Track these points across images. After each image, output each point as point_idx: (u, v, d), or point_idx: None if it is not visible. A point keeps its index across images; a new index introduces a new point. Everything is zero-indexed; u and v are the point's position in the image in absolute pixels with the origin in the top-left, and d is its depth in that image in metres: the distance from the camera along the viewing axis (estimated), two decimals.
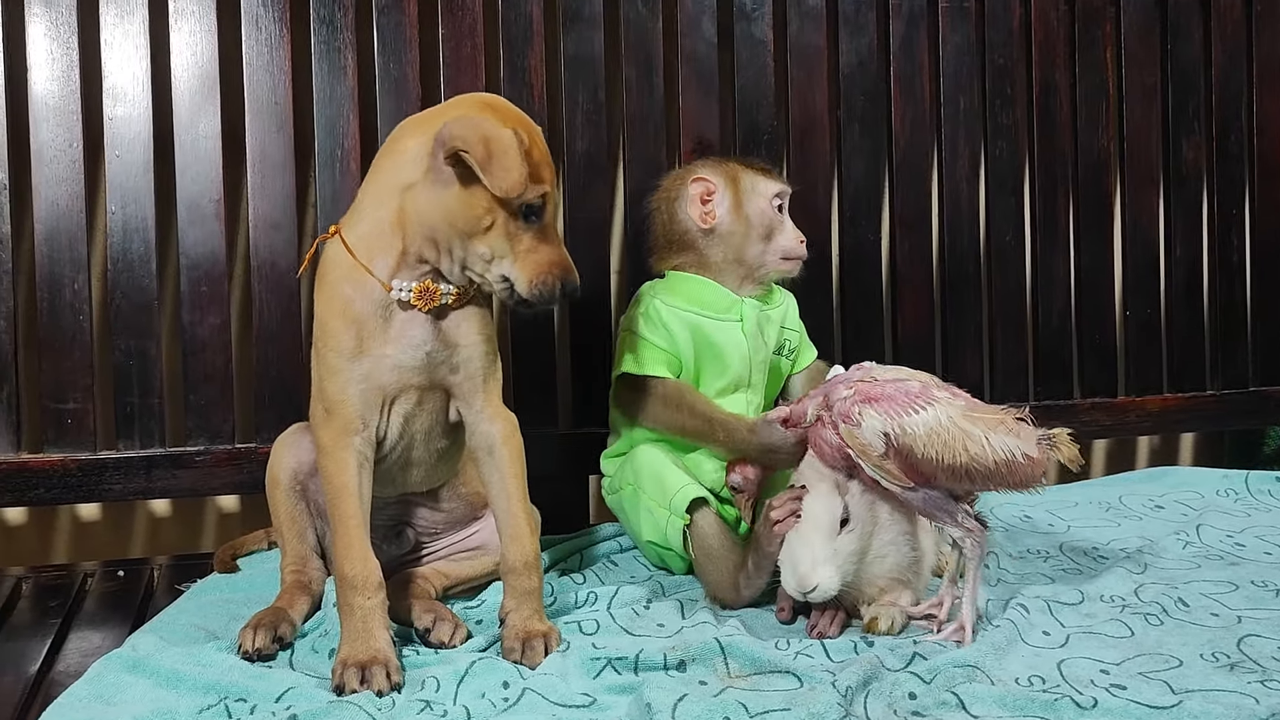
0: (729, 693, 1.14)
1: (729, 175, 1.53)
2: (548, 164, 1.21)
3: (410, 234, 1.21)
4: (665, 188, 1.58)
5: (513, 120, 1.20)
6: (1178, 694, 1.13)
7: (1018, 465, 1.24)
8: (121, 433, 1.62)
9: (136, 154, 1.62)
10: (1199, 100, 2.05)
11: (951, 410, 1.24)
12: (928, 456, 1.21)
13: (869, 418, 1.23)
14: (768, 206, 1.53)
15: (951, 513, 1.26)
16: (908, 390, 1.25)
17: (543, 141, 1.23)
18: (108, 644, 1.29)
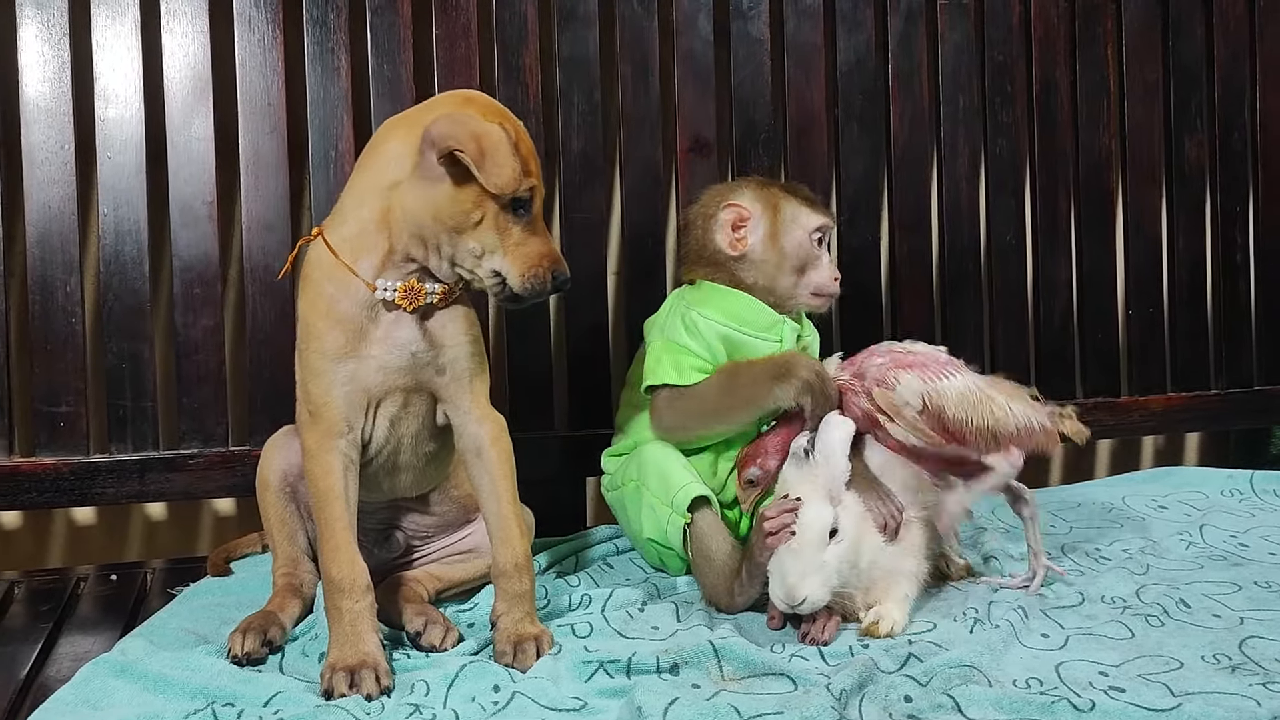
0: (722, 696, 1.13)
1: (769, 202, 1.48)
2: (534, 157, 1.20)
3: (397, 232, 1.20)
4: (704, 203, 1.52)
5: (495, 115, 1.20)
6: (1177, 696, 1.12)
7: (1034, 432, 1.35)
8: (114, 436, 1.61)
9: (129, 156, 1.62)
10: (1201, 97, 2.03)
11: (977, 380, 1.35)
12: (957, 417, 1.30)
13: (906, 379, 1.32)
14: (806, 239, 1.47)
15: (983, 481, 1.36)
16: (938, 359, 1.36)
17: (527, 135, 1.22)
18: (99, 648, 1.28)
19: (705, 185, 1.77)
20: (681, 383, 1.43)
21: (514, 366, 1.74)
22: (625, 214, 1.79)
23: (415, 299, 1.21)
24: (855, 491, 1.31)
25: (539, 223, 1.22)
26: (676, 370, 1.43)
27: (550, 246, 1.21)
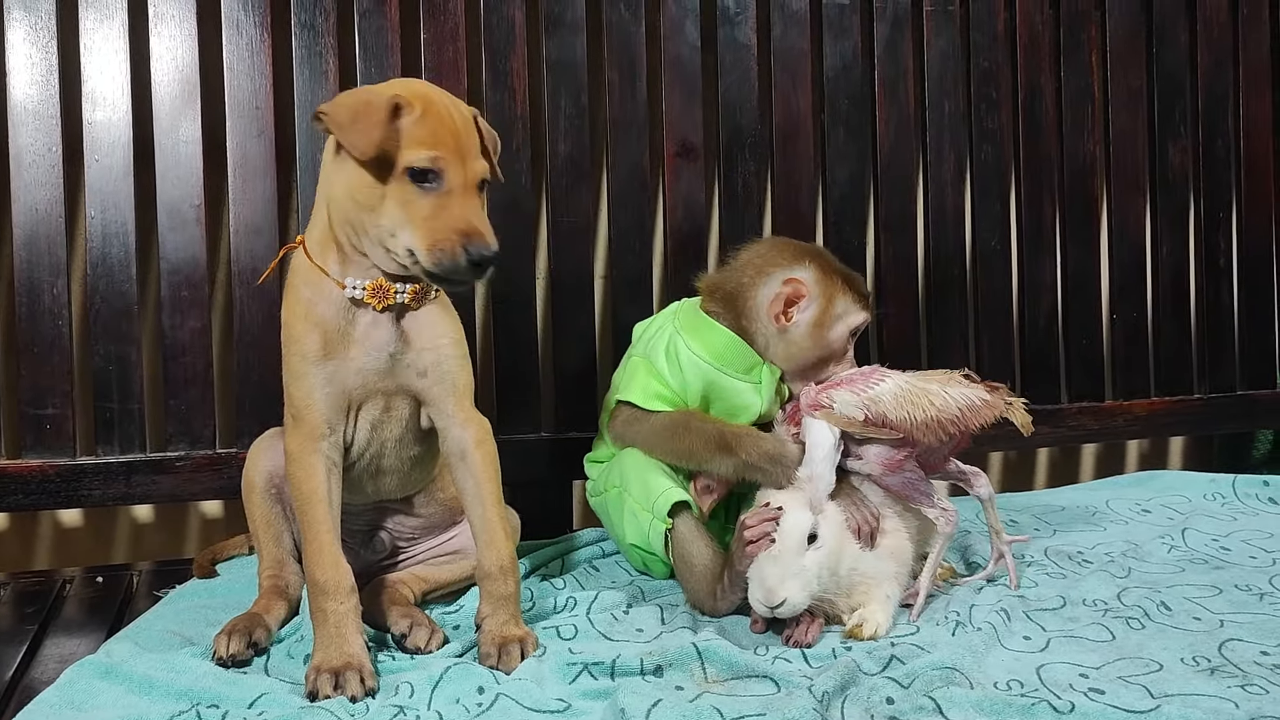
0: (705, 698, 1.13)
1: (828, 292, 1.43)
2: (450, 132, 1.17)
3: (335, 222, 1.21)
4: (764, 256, 1.46)
5: (416, 95, 1.18)
6: (1156, 698, 1.13)
7: (977, 408, 1.38)
8: (101, 438, 1.61)
9: (116, 159, 1.62)
10: (1185, 104, 2.05)
11: (905, 377, 1.38)
12: (900, 417, 1.33)
13: (840, 396, 1.35)
14: (845, 335, 1.44)
15: (928, 494, 1.37)
16: (861, 372, 1.40)
17: (456, 117, 1.19)
18: (84, 650, 1.28)
19: (692, 190, 1.81)
20: (643, 406, 1.44)
21: (500, 369, 1.74)
22: (612, 218, 1.79)
23: (384, 297, 1.22)
24: (834, 499, 1.32)
25: (458, 198, 1.17)
26: (643, 393, 1.44)
27: (467, 220, 1.16)
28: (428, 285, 1.24)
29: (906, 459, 1.35)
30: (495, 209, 1.73)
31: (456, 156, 1.17)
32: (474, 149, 1.19)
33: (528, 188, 1.75)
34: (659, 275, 1.85)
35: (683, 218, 1.82)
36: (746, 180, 1.84)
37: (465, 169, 1.17)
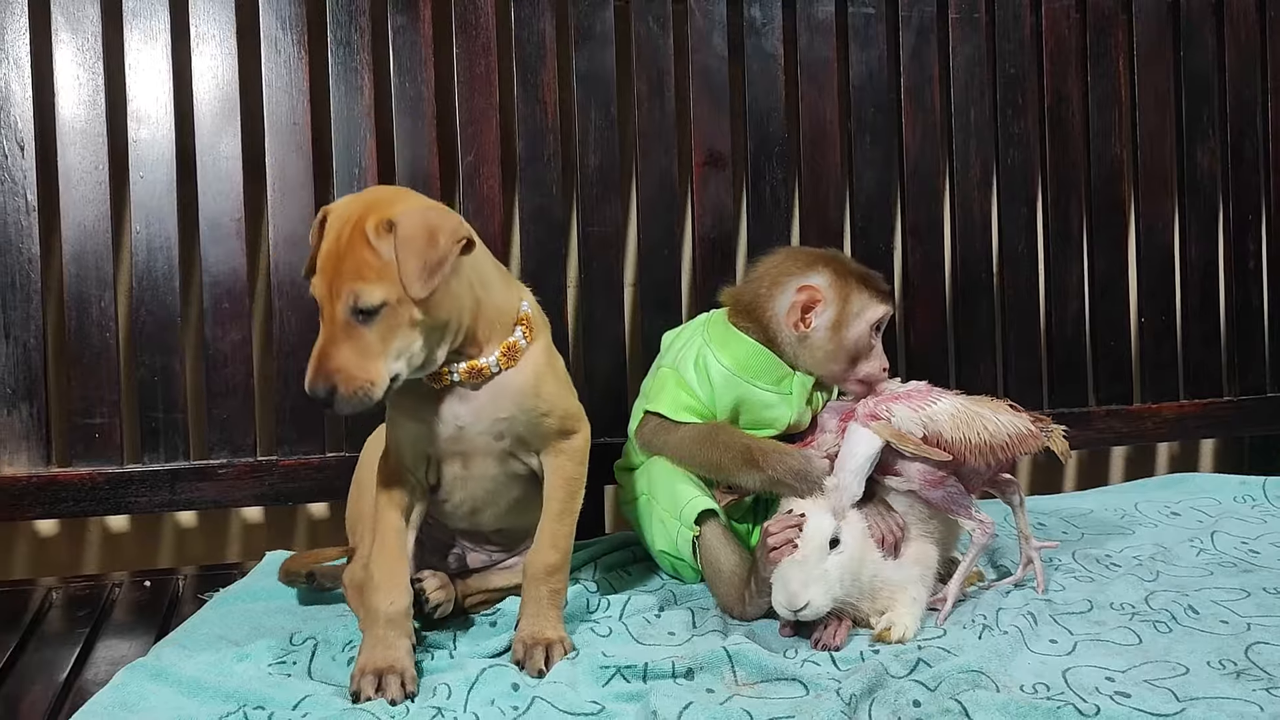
0: (735, 701, 1.16)
1: (842, 293, 1.45)
2: (326, 254, 1.14)
3: None
4: (778, 266, 1.49)
5: (330, 210, 1.18)
6: (1182, 701, 1.14)
7: (1024, 437, 1.41)
8: (147, 446, 1.66)
9: (160, 174, 1.67)
10: (1213, 107, 2.05)
11: (959, 400, 1.40)
12: (955, 438, 1.36)
13: (899, 411, 1.36)
14: (867, 331, 1.46)
15: (966, 506, 1.38)
16: (918, 389, 1.41)
17: (344, 235, 1.13)
18: (134, 652, 1.32)
19: (720, 199, 1.83)
20: (672, 417, 1.46)
21: None
22: (641, 227, 1.82)
23: (438, 379, 1.23)
24: (858, 508, 1.35)
25: (325, 327, 1.14)
26: (672, 404, 1.46)
27: (316, 349, 1.14)
28: (490, 361, 1.24)
29: (947, 477, 1.37)
30: (526, 218, 1.77)
31: (324, 281, 1.13)
32: (350, 272, 1.11)
33: (558, 198, 1.78)
34: (687, 283, 1.87)
35: (711, 226, 1.84)
36: (774, 188, 1.87)
37: (331, 296, 1.12)
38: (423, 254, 1.10)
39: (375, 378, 1.12)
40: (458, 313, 1.19)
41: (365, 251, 1.10)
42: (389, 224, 1.11)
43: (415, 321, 1.13)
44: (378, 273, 1.10)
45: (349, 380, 1.10)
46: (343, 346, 1.11)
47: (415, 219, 1.11)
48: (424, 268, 1.10)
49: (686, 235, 1.89)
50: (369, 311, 1.11)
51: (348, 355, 1.11)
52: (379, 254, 1.10)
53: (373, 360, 1.11)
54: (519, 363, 1.25)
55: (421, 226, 1.11)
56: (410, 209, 1.13)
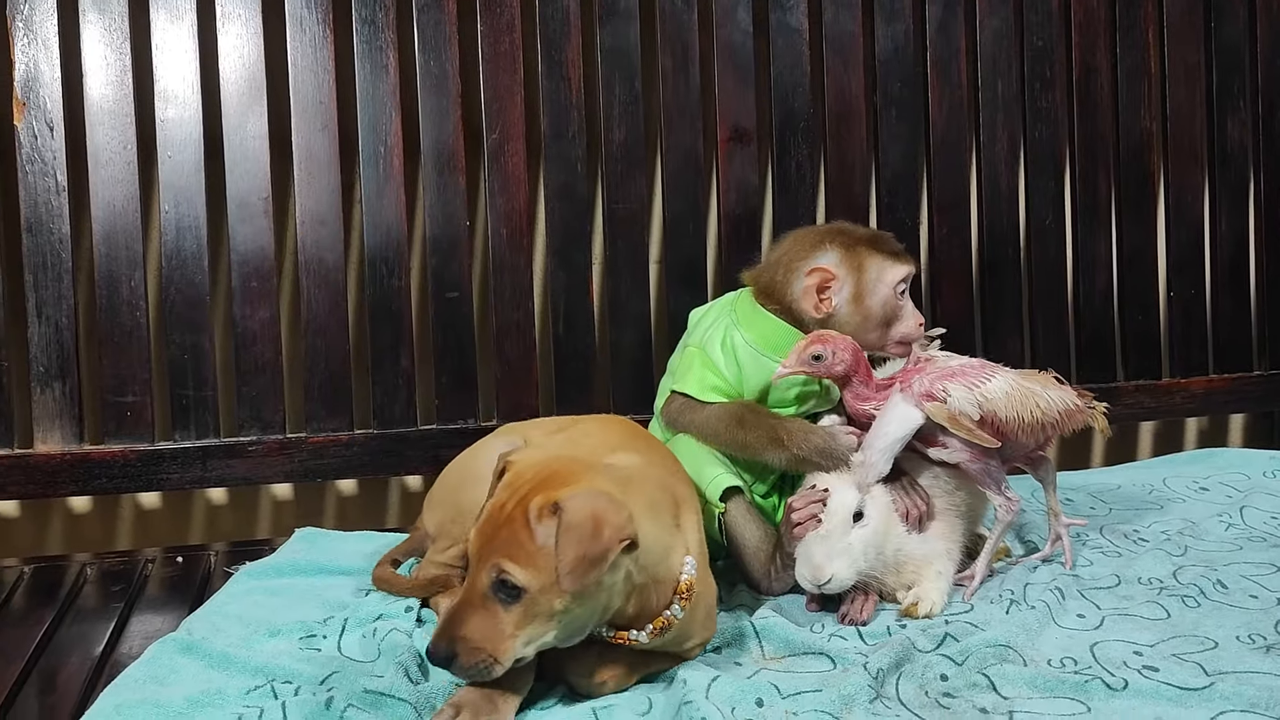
0: (762, 674, 1.17)
1: (854, 264, 1.43)
2: (489, 516, 1.09)
3: None
4: (787, 252, 1.47)
5: (529, 476, 1.11)
6: (1210, 675, 1.14)
7: (1071, 413, 1.40)
8: (178, 424, 1.68)
9: (188, 154, 1.68)
10: (1244, 78, 2.02)
11: (1012, 376, 1.38)
12: (1009, 417, 1.34)
13: (955, 390, 1.33)
14: (891, 294, 1.44)
15: (1000, 482, 1.38)
16: (971, 365, 1.38)
17: (504, 511, 1.08)
18: (167, 627, 1.34)
19: (745, 175, 1.83)
20: (699, 398, 1.45)
21: (559, 353, 1.78)
22: (666, 203, 1.82)
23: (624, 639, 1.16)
24: (883, 482, 1.34)
25: (468, 586, 1.10)
26: (698, 384, 1.45)
27: (452, 608, 1.09)
28: (664, 619, 1.15)
29: (991, 452, 1.36)
30: (551, 195, 1.78)
31: (477, 542, 1.08)
32: (502, 546, 1.05)
33: (583, 175, 1.78)
34: (713, 260, 1.87)
35: (736, 202, 1.84)
36: (800, 163, 1.86)
37: (479, 561, 1.07)
38: (583, 546, 1.02)
39: (501, 656, 1.05)
40: (606, 604, 1.09)
41: (523, 531, 1.05)
42: (554, 507, 1.04)
43: (555, 612, 1.05)
44: (529, 556, 1.04)
45: (472, 653, 1.05)
46: (476, 615, 1.05)
47: (583, 506, 1.04)
48: (581, 560, 1.02)
49: (711, 212, 1.88)
50: (511, 592, 1.05)
51: (478, 626, 1.05)
52: (535, 537, 1.04)
53: (502, 640, 1.05)
54: (670, 632, 1.16)
55: (588, 516, 1.03)
56: (579, 494, 1.05)
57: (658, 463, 1.28)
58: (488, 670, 1.05)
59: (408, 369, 1.73)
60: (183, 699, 1.11)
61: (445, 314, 1.75)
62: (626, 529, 1.04)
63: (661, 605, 1.13)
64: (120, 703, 1.09)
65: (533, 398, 1.77)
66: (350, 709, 1.07)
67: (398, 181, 1.73)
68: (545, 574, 1.03)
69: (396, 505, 1.94)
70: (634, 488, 1.12)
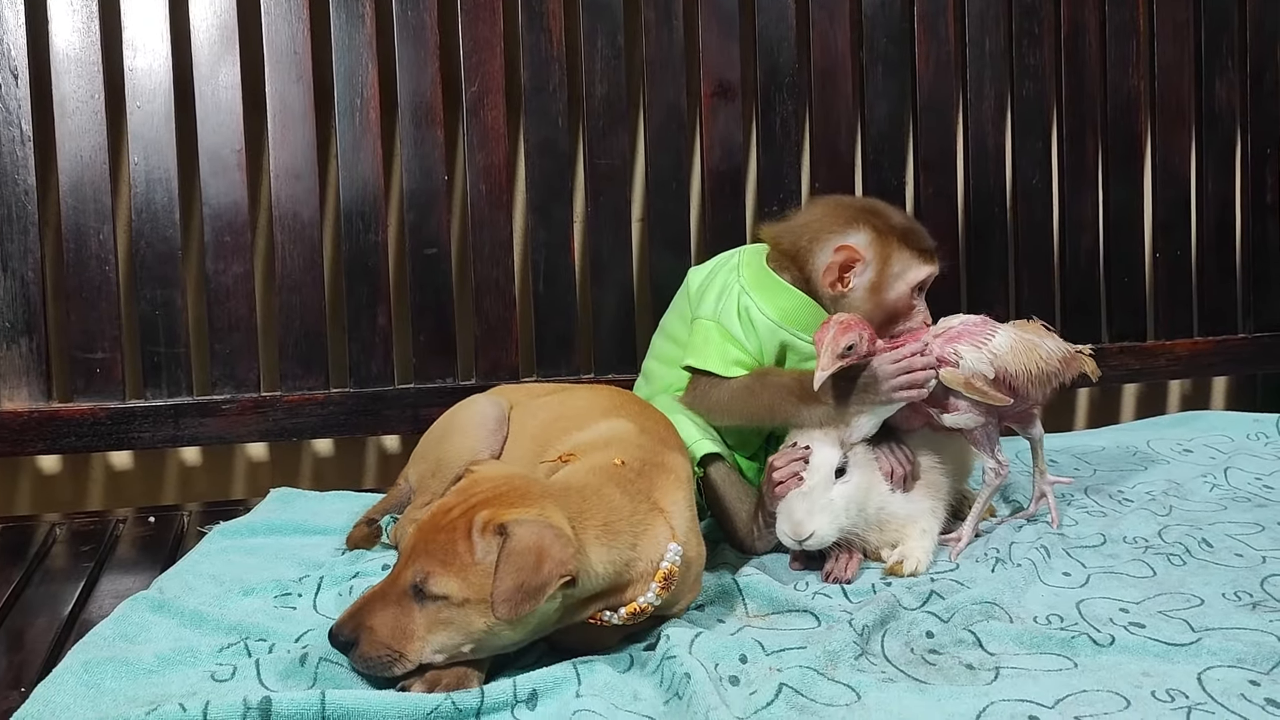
0: (746, 631, 1.16)
1: (882, 253, 1.39)
2: (433, 517, 1.08)
3: None
4: (821, 220, 1.43)
5: (485, 489, 1.09)
6: (1197, 632, 1.13)
7: (1070, 359, 1.42)
8: (149, 381, 1.64)
9: (158, 105, 1.63)
10: (1232, 37, 2.00)
11: (1012, 329, 1.38)
12: (1018, 370, 1.34)
13: (965, 352, 1.32)
14: (908, 293, 1.40)
15: (994, 444, 1.38)
16: (969, 322, 1.38)
17: (448, 516, 1.06)
18: (138, 587, 1.31)
19: (730, 131, 1.80)
20: (724, 374, 1.40)
21: (539, 311, 1.75)
22: (649, 159, 1.79)
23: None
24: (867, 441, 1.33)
25: (389, 578, 1.07)
26: (721, 360, 1.40)
27: (366, 594, 1.08)
28: (643, 605, 1.12)
29: (992, 411, 1.35)
30: (532, 150, 1.74)
31: (412, 538, 1.06)
32: (436, 550, 1.02)
33: (564, 129, 1.75)
34: (696, 217, 1.84)
35: (720, 158, 1.81)
36: (785, 120, 1.83)
37: (408, 557, 1.04)
38: (522, 575, 0.99)
39: (403, 655, 1.03)
40: (538, 626, 1.06)
41: (462, 541, 1.02)
42: (500, 528, 1.01)
43: (476, 629, 1.02)
44: (461, 567, 1.01)
45: (375, 645, 1.03)
46: (390, 610, 1.03)
47: (529, 535, 1.00)
48: (518, 589, 0.99)
49: (695, 168, 1.85)
50: (430, 597, 1.02)
51: (388, 620, 1.03)
52: (474, 550, 1.01)
53: (410, 641, 1.02)
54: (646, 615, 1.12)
55: (532, 546, 1.00)
56: (528, 522, 1.01)
57: (650, 430, 1.26)
58: (388, 667, 1.03)
59: (385, 327, 1.70)
60: (153, 657, 1.09)
61: (423, 271, 1.72)
62: (568, 565, 1.00)
63: (639, 593, 1.10)
64: (89, 660, 1.07)
65: (513, 356, 1.74)
66: (324, 664, 1.05)
67: (374, 135, 1.69)
68: (472, 589, 1.00)
69: (374, 466, 1.91)
70: (589, 508, 1.08)
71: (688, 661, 1.04)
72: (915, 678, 1.07)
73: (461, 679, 1.04)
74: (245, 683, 1.05)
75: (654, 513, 1.13)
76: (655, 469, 1.18)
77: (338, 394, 1.69)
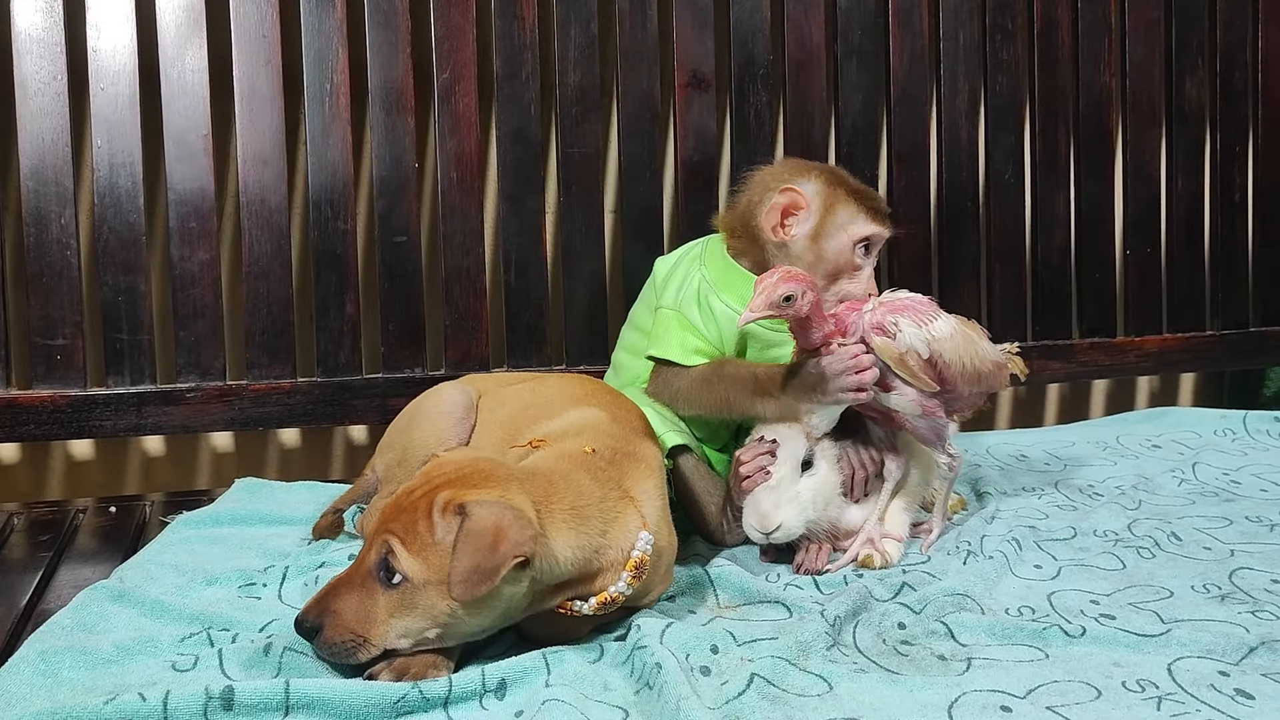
0: (717, 622, 1.14)
1: (827, 202, 1.37)
2: (396, 499, 1.06)
3: None
4: (772, 173, 1.42)
5: (449, 470, 1.08)
6: (1167, 623, 1.13)
7: (1001, 366, 1.39)
8: (111, 369, 1.61)
9: (122, 87, 1.60)
10: (1203, 36, 2.01)
11: (955, 320, 1.34)
12: (952, 359, 1.30)
13: (905, 326, 1.28)
14: (849, 248, 1.36)
15: (945, 439, 1.34)
16: (918, 300, 1.32)
17: (409, 494, 1.05)
18: (98, 577, 1.28)
19: (703, 121, 1.79)
20: (683, 363, 1.39)
21: (510, 301, 1.74)
22: (622, 149, 1.77)
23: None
24: (833, 438, 1.31)
25: (355, 563, 1.07)
26: (681, 349, 1.39)
27: (331, 581, 1.07)
28: (614, 594, 1.10)
29: (940, 405, 1.32)
30: (504, 138, 1.72)
31: (374, 520, 1.06)
32: (398, 529, 1.01)
33: (537, 118, 1.73)
34: (669, 208, 1.83)
35: (694, 149, 1.80)
36: (759, 111, 1.82)
37: (371, 539, 1.04)
38: (478, 557, 0.97)
39: (368, 640, 1.01)
40: (505, 612, 1.04)
41: (424, 521, 1.00)
42: (460, 508, 1.00)
43: (439, 613, 1.01)
44: (422, 547, 1.00)
45: (339, 630, 1.01)
46: (355, 593, 1.02)
47: (487, 515, 0.99)
48: (474, 571, 0.97)
49: (668, 159, 1.84)
50: (393, 575, 1.00)
51: (353, 604, 1.01)
52: (434, 530, 1.00)
53: (374, 625, 1.01)
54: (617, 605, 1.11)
55: (489, 527, 0.98)
56: (488, 502, 1.00)
57: (622, 418, 1.25)
58: (352, 652, 1.01)
59: (353, 315, 1.68)
60: (112, 646, 1.06)
61: (392, 259, 1.69)
62: (524, 547, 0.99)
63: (609, 582, 1.09)
64: (46, 650, 1.04)
65: (483, 347, 1.72)
66: (288, 653, 1.03)
67: (344, 121, 1.67)
68: (433, 570, 0.99)
69: (341, 457, 1.89)
70: (557, 493, 1.07)
71: (659, 651, 1.02)
72: (887, 668, 1.06)
73: (430, 667, 1.02)
74: (207, 672, 1.03)
75: (624, 501, 1.12)
76: (626, 457, 1.16)
77: (305, 383, 1.67)
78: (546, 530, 1.03)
